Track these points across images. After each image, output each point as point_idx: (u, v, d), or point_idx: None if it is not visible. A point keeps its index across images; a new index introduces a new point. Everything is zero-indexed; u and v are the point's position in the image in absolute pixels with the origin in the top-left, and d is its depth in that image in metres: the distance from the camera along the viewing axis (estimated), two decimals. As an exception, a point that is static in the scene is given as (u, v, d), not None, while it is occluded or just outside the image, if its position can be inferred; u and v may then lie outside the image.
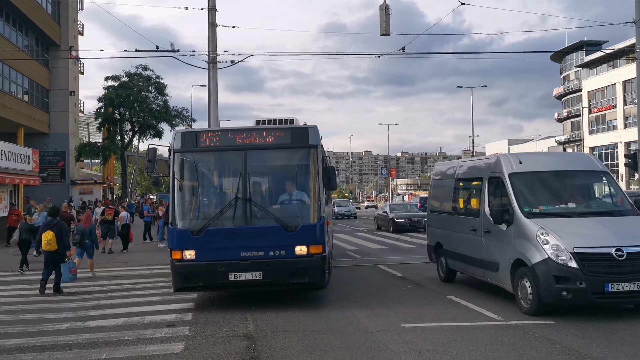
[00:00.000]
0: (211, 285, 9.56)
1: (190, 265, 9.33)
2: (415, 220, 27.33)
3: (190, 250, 9.31)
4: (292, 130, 10.05)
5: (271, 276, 9.20)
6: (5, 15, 35.37)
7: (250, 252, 9.22)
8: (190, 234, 9.37)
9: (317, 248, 9.31)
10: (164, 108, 38.41)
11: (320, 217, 9.47)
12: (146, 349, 7.22)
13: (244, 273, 9.19)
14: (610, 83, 60.58)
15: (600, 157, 63.94)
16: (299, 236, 9.26)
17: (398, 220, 27.47)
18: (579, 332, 7.53)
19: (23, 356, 7.06)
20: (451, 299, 10.05)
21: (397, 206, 32.26)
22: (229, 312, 9.35)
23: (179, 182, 9.78)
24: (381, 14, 18.96)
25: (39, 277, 11.83)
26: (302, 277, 9.27)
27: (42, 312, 9.75)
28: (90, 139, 50.90)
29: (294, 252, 9.24)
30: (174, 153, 9.78)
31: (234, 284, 9.32)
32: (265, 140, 9.72)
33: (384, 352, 6.88)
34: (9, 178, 25.84)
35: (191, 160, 10.05)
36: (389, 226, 28.04)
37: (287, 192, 10.03)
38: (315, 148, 9.68)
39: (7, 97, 35.26)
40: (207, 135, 9.88)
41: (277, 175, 10.40)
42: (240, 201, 9.45)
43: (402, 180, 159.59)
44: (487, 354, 6.63)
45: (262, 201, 9.88)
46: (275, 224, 9.33)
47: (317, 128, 9.87)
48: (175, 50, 18.76)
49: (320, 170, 9.60)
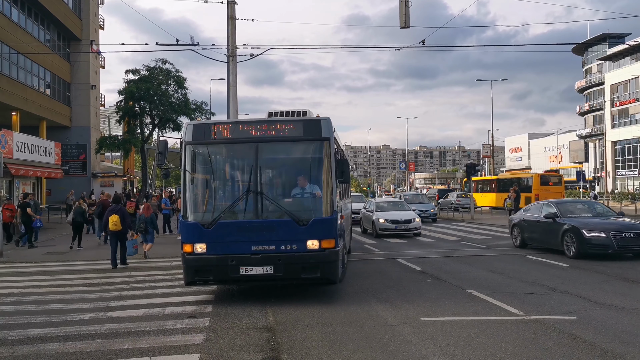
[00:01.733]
0: (222, 279, 9.47)
1: (201, 258, 9.26)
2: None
3: (201, 243, 9.25)
4: (304, 123, 9.76)
5: (282, 270, 9.09)
6: (27, 9, 35.83)
7: (262, 246, 9.12)
8: (201, 227, 9.29)
9: (330, 242, 9.18)
10: (184, 101, 38.57)
11: (333, 211, 9.29)
12: (167, 340, 7.29)
13: (255, 267, 9.09)
14: (633, 76, 59.59)
15: (622, 152, 63.07)
16: (310, 230, 9.11)
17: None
18: (601, 328, 7.44)
19: (46, 346, 7.16)
20: (471, 293, 9.99)
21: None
22: (248, 304, 9.40)
23: (190, 174, 9.72)
24: (401, 6, 18.82)
25: (61, 268, 12.00)
26: (314, 272, 9.16)
27: (65, 303, 9.90)
28: (111, 132, 51.46)
29: (306, 247, 9.09)
30: (185, 145, 9.73)
31: (244, 278, 9.24)
32: (277, 133, 9.54)
33: (404, 345, 6.86)
34: (32, 170, 26.22)
35: (202, 152, 9.97)
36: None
37: (299, 185, 9.81)
38: (328, 140, 9.48)
39: (30, 91, 35.76)
40: (219, 128, 9.73)
41: (289, 168, 10.19)
42: (252, 194, 9.34)
43: (420, 174, 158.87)
44: (509, 349, 6.58)
45: (273, 194, 9.74)
46: (287, 217, 9.19)
47: (330, 120, 9.66)
48: (195, 44, 18.88)
49: (333, 164, 9.40)
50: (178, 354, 6.69)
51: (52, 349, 7.02)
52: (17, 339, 7.54)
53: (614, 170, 64.58)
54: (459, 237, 20.99)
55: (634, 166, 61.40)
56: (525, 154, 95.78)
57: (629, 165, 62.58)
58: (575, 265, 13.14)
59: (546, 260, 14.01)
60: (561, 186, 43.24)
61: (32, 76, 36.78)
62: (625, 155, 63.57)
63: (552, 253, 14.99)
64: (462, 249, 17.28)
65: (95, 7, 46.81)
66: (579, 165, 70.39)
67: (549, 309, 8.64)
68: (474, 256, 15.35)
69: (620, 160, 64.17)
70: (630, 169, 62.37)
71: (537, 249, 16.05)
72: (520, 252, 15.78)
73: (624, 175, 63.49)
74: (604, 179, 64.89)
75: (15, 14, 34.30)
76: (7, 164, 23.57)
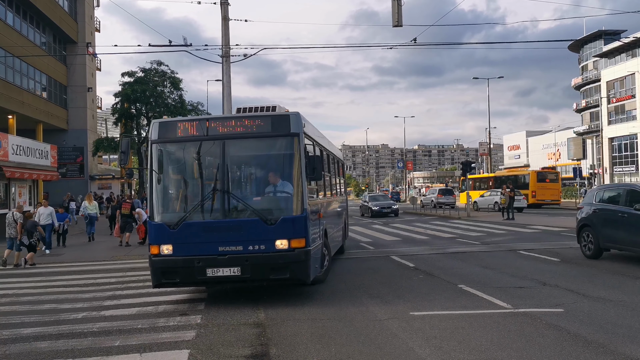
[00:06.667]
0: (189, 281, 9.19)
1: (168, 260, 9.01)
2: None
3: (168, 244, 9.00)
4: (272, 118, 9.37)
5: (250, 272, 8.81)
6: (22, 12, 35.88)
7: (229, 247, 8.85)
8: (167, 228, 9.03)
9: (300, 242, 8.87)
10: (180, 102, 38.72)
11: (303, 209, 8.98)
12: (158, 337, 7.37)
13: (222, 269, 8.82)
14: (629, 73, 59.70)
15: (619, 148, 63.19)
16: (279, 229, 8.82)
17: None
18: (587, 319, 7.52)
19: (38, 344, 7.23)
20: (461, 288, 10.07)
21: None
22: (241, 301, 9.47)
23: (156, 174, 9.43)
24: (393, 5, 18.90)
25: (53, 269, 12.06)
26: (283, 273, 8.84)
27: (59, 303, 9.98)
28: (108, 134, 51.52)
29: (274, 246, 8.80)
30: (151, 144, 9.51)
31: (212, 280, 8.99)
32: (244, 129, 9.24)
33: (392, 338, 6.95)
34: (28, 173, 26.28)
35: (168, 151, 9.69)
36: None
37: (268, 183, 9.55)
38: (297, 136, 9.13)
39: (26, 94, 35.83)
40: (185, 125, 9.46)
41: (257, 166, 9.91)
42: (219, 193, 9.10)
43: (418, 173, 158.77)
44: (494, 340, 6.66)
45: (241, 193, 9.50)
46: (255, 216, 8.90)
47: (299, 115, 9.35)
48: (188, 45, 18.92)
49: (303, 160, 9.07)
50: (168, 350, 6.77)
51: (44, 347, 7.10)
52: (10, 338, 7.62)
53: (611, 166, 64.67)
54: (454, 235, 21.07)
55: (631, 162, 61.50)
56: (524, 152, 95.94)
57: (626, 161, 62.68)
58: (567, 260, 13.24)
59: (538, 256, 14.09)
60: (558, 183, 43.38)
61: (28, 79, 36.83)
62: (622, 151, 63.65)
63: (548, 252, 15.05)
64: (456, 245, 17.36)
65: (90, 10, 46.90)
66: (577, 162, 70.43)
67: (537, 302, 8.73)
68: (467, 252, 15.43)
69: (617, 156, 64.28)
70: (627, 165, 62.49)
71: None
72: (514, 248, 15.85)
73: (621, 172, 63.60)
74: (601, 175, 64.99)
75: (10, 17, 34.35)
76: (2, 167, 23.63)
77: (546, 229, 22.47)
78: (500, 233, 21.07)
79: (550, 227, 22.94)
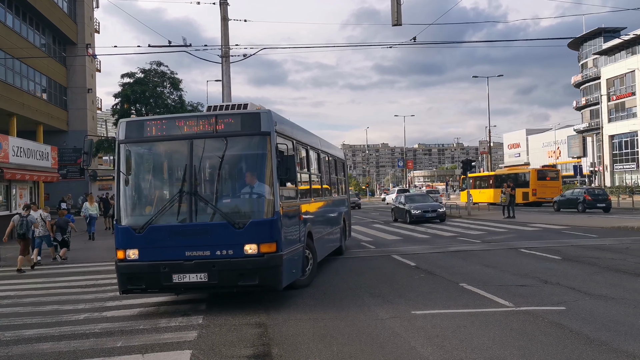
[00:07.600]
0: (155, 287, 8.81)
1: (133, 265, 8.68)
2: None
3: (133, 249, 8.67)
4: (242, 116, 8.97)
5: (217, 278, 8.43)
6: (22, 14, 35.90)
7: (196, 252, 8.49)
8: (132, 231, 8.72)
9: (270, 247, 8.48)
10: (179, 103, 38.72)
11: (274, 212, 8.60)
12: (160, 337, 7.38)
13: (188, 274, 8.45)
14: (629, 70, 59.69)
15: (620, 146, 63.18)
16: (248, 233, 8.43)
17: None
18: (589, 317, 7.53)
19: (40, 345, 7.25)
20: (463, 286, 10.07)
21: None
22: (242, 301, 9.48)
23: (123, 175, 9.10)
24: (392, 3, 18.89)
25: (57, 270, 12.07)
26: (252, 279, 8.44)
27: (61, 304, 9.99)
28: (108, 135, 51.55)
29: (243, 251, 8.43)
30: (118, 144, 9.15)
31: (178, 286, 8.64)
32: (213, 128, 8.83)
33: (394, 337, 6.95)
34: (29, 175, 26.30)
35: (136, 151, 9.33)
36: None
37: (238, 184, 9.25)
38: (269, 135, 8.72)
39: (26, 96, 35.86)
40: (153, 124, 9.10)
41: (227, 166, 9.22)
42: (186, 195, 8.70)
43: (418, 172, 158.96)
44: (496, 339, 6.67)
45: (209, 195, 8.97)
46: (223, 220, 8.53)
47: (271, 113, 8.97)
48: (187, 45, 18.93)
49: (274, 160, 8.69)
50: (170, 351, 6.78)
51: (46, 348, 7.11)
52: (12, 339, 7.63)
53: (612, 164, 64.70)
54: (455, 233, 21.08)
55: (632, 160, 61.51)
56: (524, 150, 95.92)
57: (626, 159, 62.70)
58: (569, 258, 13.24)
59: (539, 254, 14.10)
60: (558, 181, 43.35)
61: (28, 81, 36.84)
62: (622, 149, 63.66)
63: (546, 246, 15.05)
64: (457, 244, 17.36)
65: (90, 11, 46.92)
66: (577, 160, 70.49)
67: (539, 300, 8.74)
68: (468, 251, 15.43)
69: (618, 154, 64.29)
70: (627, 162, 62.50)
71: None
72: (515, 247, 15.86)
73: (622, 169, 63.63)
74: (601, 173, 65.00)
75: (10, 19, 34.36)
76: (3, 169, 23.64)
77: (547, 227, 22.48)
78: (501, 231, 21.08)
79: (551, 225, 22.95)
